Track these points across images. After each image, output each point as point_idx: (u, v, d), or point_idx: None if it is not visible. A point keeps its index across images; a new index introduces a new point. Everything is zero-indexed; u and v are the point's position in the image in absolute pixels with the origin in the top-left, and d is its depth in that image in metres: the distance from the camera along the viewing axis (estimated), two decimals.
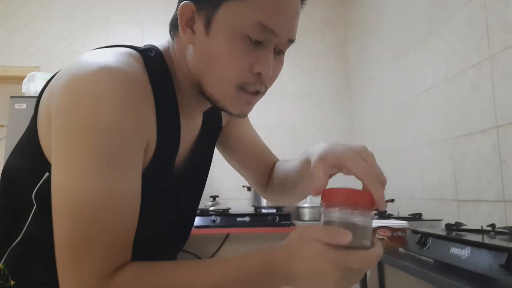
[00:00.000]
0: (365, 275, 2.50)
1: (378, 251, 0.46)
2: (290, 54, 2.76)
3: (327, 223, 0.48)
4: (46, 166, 0.53)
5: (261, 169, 0.86)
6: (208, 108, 0.68)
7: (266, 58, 0.56)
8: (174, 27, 0.62)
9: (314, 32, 3.30)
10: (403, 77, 2.28)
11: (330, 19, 3.35)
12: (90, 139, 0.47)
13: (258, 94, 0.63)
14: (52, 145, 0.50)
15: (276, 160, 0.89)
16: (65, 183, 0.47)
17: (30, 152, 0.56)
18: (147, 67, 0.55)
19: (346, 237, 0.44)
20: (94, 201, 0.46)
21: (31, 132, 0.55)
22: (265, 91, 0.65)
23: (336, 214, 0.48)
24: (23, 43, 3.02)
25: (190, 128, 0.67)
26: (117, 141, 0.48)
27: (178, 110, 0.61)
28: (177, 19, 0.57)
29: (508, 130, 1.42)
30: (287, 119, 3.14)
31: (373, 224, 0.52)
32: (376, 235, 1.46)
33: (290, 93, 3.18)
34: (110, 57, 0.51)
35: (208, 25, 0.55)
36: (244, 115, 0.67)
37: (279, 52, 0.62)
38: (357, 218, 0.48)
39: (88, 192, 0.46)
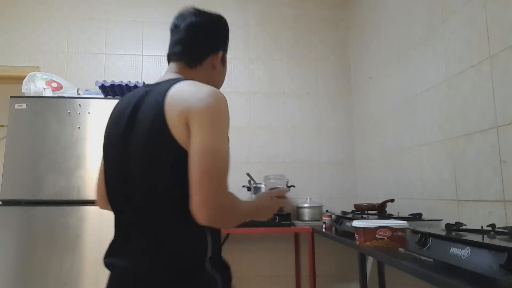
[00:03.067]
0: (365, 274, 2.50)
1: (285, 200, 1.13)
2: (290, 54, 2.78)
3: (271, 189, 1.46)
4: (183, 152, 0.87)
5: None
6: None
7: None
8: (197, 60, 1.06)
9: (314, 32, 3.30)
10: (403, 77, 2.28)
11: (330, 19, 3.35)
12: (226, 123, 0.92)
13: None
14: (194, 128, 0.86)
15: None
16: (212, 143, 0.85)
17: (168, 146, 0.88)
18: None
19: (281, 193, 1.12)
20: (225, 152, 0.88)
21: (163, 137, 0.88)
22: None
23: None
24: (23, 43, 3.02)
25: None
26: (226, 133, 0.93)
27: None
28: (203, 55, 1.06)
29: (508, 130, 1.42)
30: (287, 119, 3.14)
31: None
32: (376, 235, 1.47)
33: (290, 93, 3.19)
34: (215, 90, 0.95)
35: (223, 61, 1.13)
36: None
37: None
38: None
39: (224, 148, 0.88)
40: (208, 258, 0.91)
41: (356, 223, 1.57)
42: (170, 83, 0.94)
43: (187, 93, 0.90)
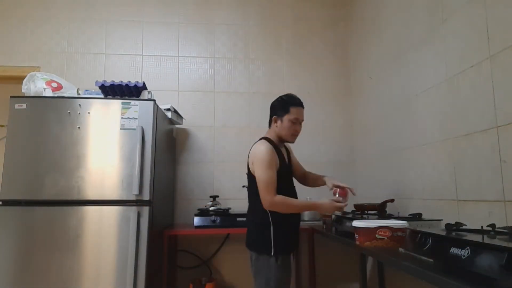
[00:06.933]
0: (365, 274, 2.50)
1: (343, 203, 1.89)
2: (290, 54, 2.77)
3: (336, 197, 1.91)
4: (253, 175, 1.87)
5: (300, 174, 2.20)
6: (283, 143, 2.07)
7: (299, 126, 1.99)
8: (270, 122, 2.02)
9: (314, 32, 3.30)
10: (403, 77, 2.28)
11: (330, 19, 3.35)
12: (263, 161, 1.82)
13: (296, 136, 2.00)
14: (254, 167, 1.84)
15: (305, 170, 2.23)
16: (262, 173, 1.80)
17: (251, 177, 1.90)
18: (268, 141, 1.92)
19: (341, 204, 1.88)
20: (272, 177, 1.80)
21: (248, 169, 1.93)
22: (298, 134, 2.01)
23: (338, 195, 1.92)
24: (23, 43, 3.02)
25: (283, 151, 2.02)
26: (271, 164, 1.83)
27: (279, 148, 1.96)
28: (271, 121, 2.01)
29: (508, 130, 1.42)
30: None
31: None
32: (376, 235, 1.47)
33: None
34: (263, 143, 1.90)
35: (281, 121, 1.95)
36: (293, 142, 2.02)
37: (300, 123, 1.99)
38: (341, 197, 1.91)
39: (271, 175, 1.80)
40: (270, 222, 1.84)
41: (356, 223, 1.57)
42: (259, 140, 1.98)
43: (254, 147, 1.92)
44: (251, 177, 1.88)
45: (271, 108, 2.00)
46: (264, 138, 1.95)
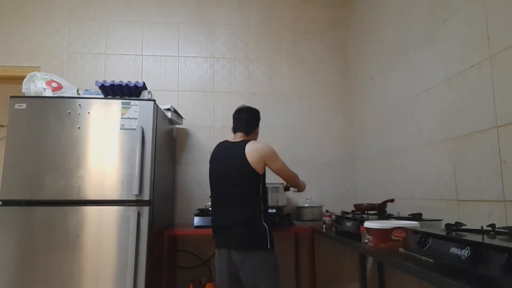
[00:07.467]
0: (365, 274, 2.50)
1: None
2: (290, 54, 2.78)
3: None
4: (258, 176, 1.97)
5: None
6: None
7: None
8: (250, 132, 2.17)
9: (314, 33, 3.30)
10: (403, 77, 2.28)
11: (330, 19, 3.35)
12: (277, 155, 2.06)
13: None
14: (269, 164, 2.03)
15: None
16: (282, 163, 2.08)
17: (250, 175, 1.96)
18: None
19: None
20: (283, 166, 2.09)
21: (244, 168, 1.95)
22: None
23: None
24: (23, 43, 3.02)
25: None
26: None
27: None
28: (254, 130, 2.19)
29: (508, 130, 1.42)
30: (287, 119, 3.14)
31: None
32: (392, 237, 1.42)
33: (290, 93, 3.19)
34: (262, 142, 2.06)
35: (257, 132, 2.25)
36: None
37: None
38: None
39: (287, 166, 2.13)
40: (262, 218, 1.95)
41: (369, 224, 1.51)
42: (245, 142, 2.03)
43: (260, 146, 2.00)
44: (252, 173, 1.94)
45: (255, 120, 2.19)
46: (253, 141, 2.10)
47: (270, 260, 1.91)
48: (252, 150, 1.96)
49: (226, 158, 2.03)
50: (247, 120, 2.15)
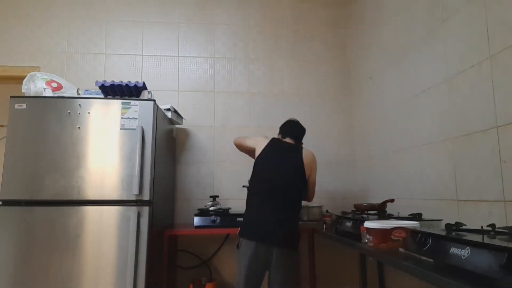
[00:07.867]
0: (365, 274, 2.50)
1: None
2: (290, 54, 2.77)
3: None
4: (305, 180, 2.15)
5: None
6: None
7: None
8: (300, 140, 2.36)
9: (314, 33, 3.30)
10: (403, 77, 2.28)
11: (330, 19, 3.35)
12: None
13: None
14: (311, 174, 2.17)
15: None
16: (315, 179, 2.23)
17: (303, 180, 2.14)
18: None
19: None
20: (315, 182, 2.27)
21: (299, 172, 2.12)
22: None
23: None
24: (23, 43, 3.02)
25: None
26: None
27: None
28: (301, 141, 2.38)
29: (508, 130, 1.42)
30: (287, 119, 3.13)
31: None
32: (392, 236, 1.42)
33: (290, 93, 3.19)
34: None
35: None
36: None
37: None
38: None
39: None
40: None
41: (369, 224, 1.51)
42: (300, 147, 2.24)
43: (313, 156, 2.20)
44: (304, 181, 2.13)
45: (304, 132, 2.35)
46: (305, 148, 2.28)
47: (297, 260, 2.08)
48: (306, 157, 2.16)
49: (283, 158, 2.15)
50: (302, 130, 2.34)
